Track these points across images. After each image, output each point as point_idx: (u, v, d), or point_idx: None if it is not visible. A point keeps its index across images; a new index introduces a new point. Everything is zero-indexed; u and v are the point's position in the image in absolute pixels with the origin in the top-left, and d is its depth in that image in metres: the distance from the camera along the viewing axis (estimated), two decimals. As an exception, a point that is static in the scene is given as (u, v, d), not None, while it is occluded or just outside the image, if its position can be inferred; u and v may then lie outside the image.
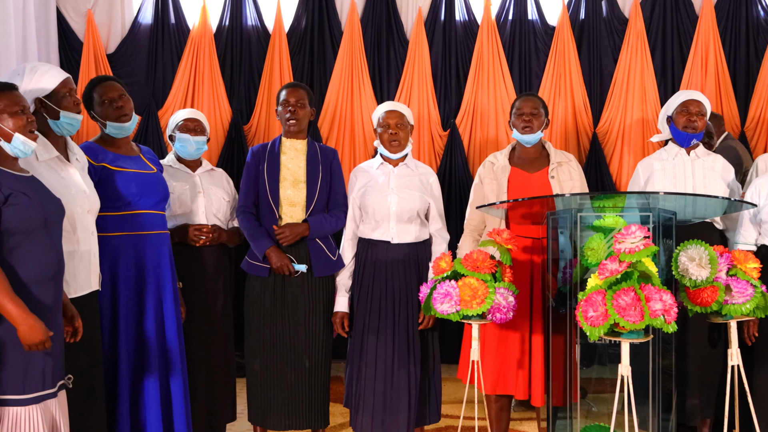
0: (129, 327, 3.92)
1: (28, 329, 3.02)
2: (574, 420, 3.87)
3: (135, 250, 3.94)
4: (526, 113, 4.50)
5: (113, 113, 4.00)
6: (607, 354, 3.92)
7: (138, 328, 3.95)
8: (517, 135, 4.52)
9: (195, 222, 4.44)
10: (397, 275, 4.43)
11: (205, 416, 4.43)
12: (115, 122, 3.99)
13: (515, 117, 4.55)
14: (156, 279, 4.00)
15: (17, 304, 3.01)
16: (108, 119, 3.98)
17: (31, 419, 3.11)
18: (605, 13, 7.06)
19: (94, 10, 6.73)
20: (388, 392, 4.39)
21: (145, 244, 3.97)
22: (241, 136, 6.82)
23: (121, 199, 3.88)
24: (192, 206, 4.45)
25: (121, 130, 4.02)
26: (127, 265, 3.91)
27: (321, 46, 6.98)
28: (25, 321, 3.01)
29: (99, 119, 3.98)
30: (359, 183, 4.56)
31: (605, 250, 3.58)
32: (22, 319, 3.01)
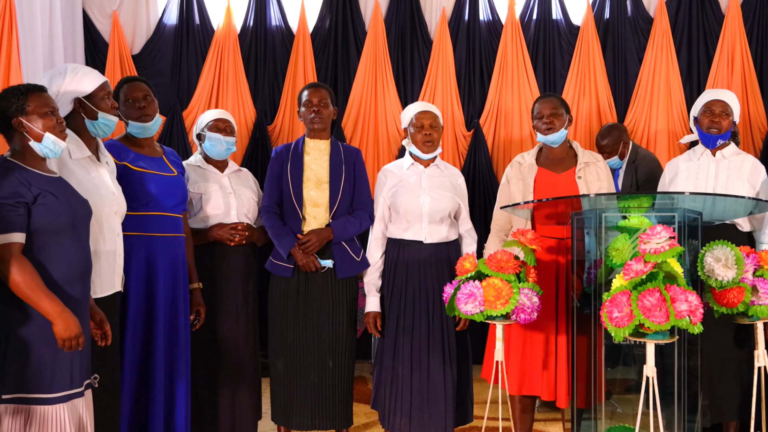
0: (137, 328, 3.93)
1: (64, 325, 3.04)
2: (598, 421, 3.85)
3: (146, 251, 3.95)
4: (546, 115, 4.49)
5: (135, 113, 4.05)
6: (632, 355, 3.91)
7: (145, 329, 3.96)
8: (542, 137, 4.51)
9: (227, 222, 4.45)
10: (430, 275, 4.43)
11: (230, 415, 4.44)
12: (137, 122, 4.04)
13: (536, 120, 4.53)
14: (170, 282, 4.01)
15: (53, 299, 3.04)
16: (130, 118, 4.04)
17: (58, 418, 3.14)
18: (630, 12, 7.03)
19: (120, 12, 6.76)
20: (424, 392, 4.38)
21: (158, 245, 3.98)
22: (265, 136, 6.84)
23: (138, 199, 3.90)
24: (223, 207, 4.47)
25: (142, 130, 4.05)
26: (138, 266, 3.92)
27: (345, 46, 6.99)
28: (61, 316, 3.04)
29: (122, 118, 4.01)
30: (389, 183, 4.56)
31: (630, 250, 3.56)
32: (57, 315, 3.03)
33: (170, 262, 4.02)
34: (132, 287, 3.90)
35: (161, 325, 3.97)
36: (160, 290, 3.97)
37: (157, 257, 3.97)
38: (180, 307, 4.06)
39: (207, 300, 4.33)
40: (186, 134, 6.69)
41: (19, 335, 3.09)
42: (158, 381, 3.95)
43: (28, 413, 3.11)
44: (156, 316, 3.96)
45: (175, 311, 4.04)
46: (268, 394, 4.63)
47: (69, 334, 3.05)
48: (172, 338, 4.02)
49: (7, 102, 3.19)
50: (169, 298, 4.01)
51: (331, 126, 4.66)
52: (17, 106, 3.17)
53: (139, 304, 3.93)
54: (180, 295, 4.06)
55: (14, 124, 3.18)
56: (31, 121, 3.17)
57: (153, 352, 3.95)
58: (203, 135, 4.57)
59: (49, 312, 3.03)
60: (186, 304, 4.12)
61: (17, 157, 3.20)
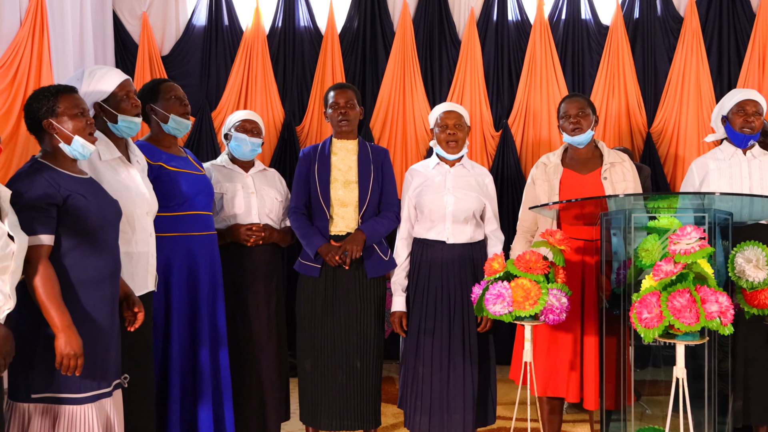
0: (182, 328, 3.96)
1: (67, 340, 3.04)
2: (627, 423, 3.83)
3: (187, 251, 3.98)
4: (572, 115, 4.46)
5: (180, 108, 4.07)
6: (662, 356, 3.88)
7: (191, 329, 3.98)
8: (568, 138, 4.48)
9: (247, 222, 4.46)
10: (453, 276, 4.42)
11: (258, 415, 4.46)
12: (180, 117, 4.05)
13: (563, 120, 4.51)
14: (209, 279, 4.04)
15: (63, 312, 3.04)
16: (173, 113, 4.04)
17: (86, 418, 3.16)
18: (660, 11, 6.99)
19: (149, 13, 6.80)
20: (445, 392, 4.38)
21: (197, 244, 4.01)
22: (293, 136, 6.85)
23: (176, 198, 3.92)
24: (244, 207, 4.48)
25: (181, 126, 4.07)
26: (180, 266, 3.95)
27: (373, 46, 6.99)
28: (65, 331, 3.04)
29: (161, 112, 4.03)
30: (415, 183, 4.56)
31: (660, 251, 3.54)
32: (63, 329, 3.04)
33: (209, 260, 4.06)
34: (175, 287, 3.93)
35: (205, 325, 4.00)
36: (202, 289, 4.00)
37: (197, 256, 4.01)
38: (219, 305, 4.09)
39: (228, 300, 4.34)
40: (215, 135, 6.71)
41: (49, 335, 3.11)
42: (205, 379, 3.99)
43: (56, 413, 3.14)
44: (200, 315, 4.00)
45: (214, 309, 4.07)
46: (296, 394, 4.64)
47: (69, 350, 3.04)
48: (213, 336, 4.04)
49: (37, 103, 3.21)
50: (210, 296, 4.05)
51: (359, 126, 4.66)
52: (47, 108, 3.19)
53: (183, 304, 3.97)
54: (219, 292, 4.09)
55: (44, 125, 3.20)
56: (61, 123, 3.19)
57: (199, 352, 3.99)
58: (230, 135, 4.59)
59: (56, 324, 3.03)
60: (223, 301, 4.14)
61: (48, 158, 3.22)
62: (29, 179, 3.11)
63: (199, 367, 3.99)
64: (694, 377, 3.55)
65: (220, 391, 4.08)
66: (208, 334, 4.01)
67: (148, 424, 3.72)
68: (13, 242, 2.87)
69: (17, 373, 3.13)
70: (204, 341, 3.99)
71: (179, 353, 3.95)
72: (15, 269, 2.90)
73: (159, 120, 4.05)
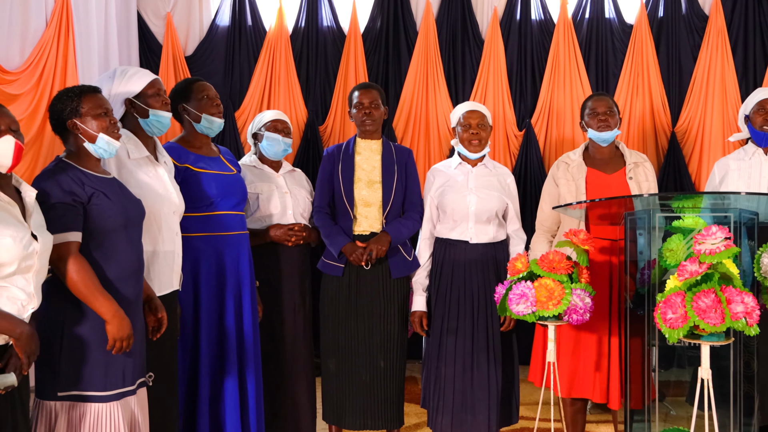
0: (210, 327, 3.98)
1: (118, 325, 3.10)
2: (652, 423, 3.81)
3: (215, 251, 3.99)
4: (601, 112, 4.45)
5: (213, 108, 4.08)
6: (686, 357, 3.86)
7: (219, 328, 4.00)
8: (594, 134, 4.47)
9: (283, 222, 4.47)
10: (476, 275, 4.42)
11: (292, 414, 4.48)
12: (213, 116, 4.06)
13: (589, 117, 4.49)
14: (235, 279, 4.05)
15: (108, 299, 3.09)
16: (206, 112, 4.05)
17: (111, 415, 3.18)
18: (685, 10, 6.94)
19: (173, 13, 6.82)
20: (468, 392, 4.38)
21: (225, 245, 4.02)
22: (316, 136, 6.86)
23: (203, 200, 3.94)
24: (279, 207, 4.49)
25: (214, 125, 4.09)
26: (208, 266, 3.97)
27: (396, 46, 6.98)
28: (115, 316, 3.09)
29: (194, 112, 4.04)
30: (437, 182, 4.55)
31: (684, 251, 3.52)
32: (112, 315, 3.09)
33: (237, 260, 4.07)
34: (204, 287, 3.96)
35: (231, 323, 4.01)
36: (229, 289, 4.02)
37: (225, 257, 4.02)
38: (247, 305, 4.09)
39: (264, 300, 4.36)
40: (238, 134, 6.73)
41: (73, 333, 3.14)
42: (230, 380, 4.00)
43: (82, 411, 3.16)
44: (226, 315, 4.01)
45: (242, 309, 4.08)
46: (319, 394, 4.65)
47: (121, 334, 3.10)
48: (239, 336, 4.06)
49: (61, 104, 3.24)
50: (237, 296, 4.05)
51: (383, 126, 4.66)
52: (71, 108, 3.22)
53: (212, 304, 3.99)
54: (247, 292, 4.10)
55: (69, 126, 3.22)
56: (85, 123, 3.21)
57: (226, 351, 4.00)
58: (260, 135, 4.59)
59: (104, 312, 3.08)
60: (254, 300, 4.15)
61: (72, 158, 3.25)
62: (54, 178, 3.14)
63: (227, 367, 4.01)
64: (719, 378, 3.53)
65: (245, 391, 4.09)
66: (235, 333, 4.02)
67: (172, 424, 3.74)
68: (37, 242, 2.89)
69: (43, 372, 3.16)
70: (231, 342, 4.01)
71: (208, 353, 3.97)
72: (39, 269, 2.92)
73: (191, 120, 4.07)
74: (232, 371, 4.01)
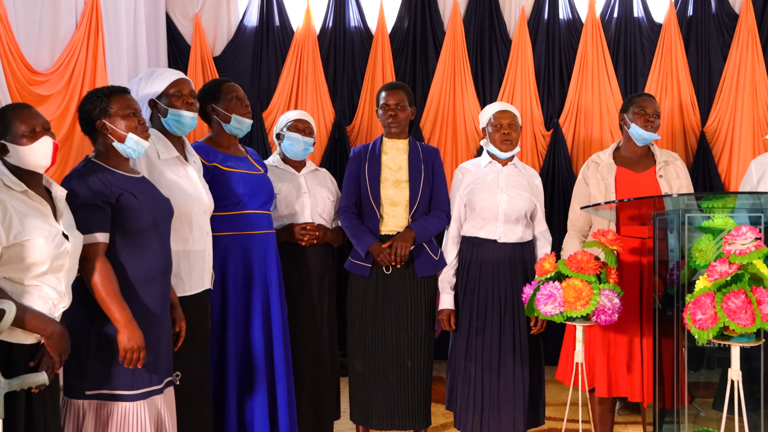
0: (237, 326, 3.99)
1: (129, 335, 3.10)
2: (681, 425, 3.79)
3: (243, 250, 4.01)
4: (650, 113, 4.45)
5: (242, 109, 4.11)
6: (716, 358, 3.83)
7: (245, 328, 4.01)
8: (637, 130, 4.43)
9: (300, 222, 4.47)
10: (503, 275, 4.41)
11: (311, 414, 4.47)
12: (242, 117, 4.08)
13: (636, 114, 4.46)
14: (263, 278, 4.06)
15: (124, 308, 3.10)
16: (235, 113, 4.07)
17: (138, 414, 3.21)
18: (714, 9, 6.89)
19: (201, 14, 6.85)
20: (495, 392, 4.37)
21: (253, 243, 4.04)
22: (344, 136, 6.87)
23: (231, 198, 3.95)
24: (297, 206, 4.49)
25: (243, 126, 4.11)
26: (236, 265, 3.98)
27: (423, 46, 6.98)
28: (127, 326, 3.10)
29: (223, 112, 4.06)
30: (466, 181, 4.55)
31: (714, 251, 3.50)
32: (124, 324, 3.10)
33: (264, 259, 4.08)
34: (231, 286, 3.97)
35: (258, 323, 4.02)
36: (256, 288, 4.03)
37: (253, 255, 4.04)
38: (275, 304, 4.10)
39: None
40: (266, 135, 6.75)
41: (101, 333, 3.17)
42: (260, 379, 4.01)
43: (110, 409, 3.19)
44: (253, 315, 4.02)
45: (269, 308, 4.09)
46: (346, 394, 4.66)
47: (131, 345, 3.11)
48: (267, 336, 4.07)
49: (91, 105, 3.26)
50: (265, 295, 4.07)
51: (410, 126, 4.66)
52: (100, 109, 3.24)
53: (239, 303, 4.00)
54: (275, 291, 4.11)
55: (98, 126, 3.25)
56: (114, 123, 3.24)
57: (252, 350, 4.01)
58: (282, 135, 4.60)
59: (118, 319, 3.09)
60: (282, 299, 4.17)
61: (101, 158, 3.27)
62: (83, 179, 3.17)
63: (254, 366, 4.02)
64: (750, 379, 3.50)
65: (274, 390, 4.10)
66: (262, 332, 4.03)
67: (205, 423, 3.75)
68: (68, 241, 2.92)
69: (72, 371, 3.19)
70: (258, 340, 4.02)
71: (235, 352, 3.98)
72: (70, 268, 2.95)
73: (220, 120, 4.09)
74: (260, 374, 4.01)
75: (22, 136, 2.87)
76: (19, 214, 2.80)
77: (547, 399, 4.67)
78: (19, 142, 2.87)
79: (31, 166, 2.90)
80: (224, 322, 3.97)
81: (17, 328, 2.77)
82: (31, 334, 2.84)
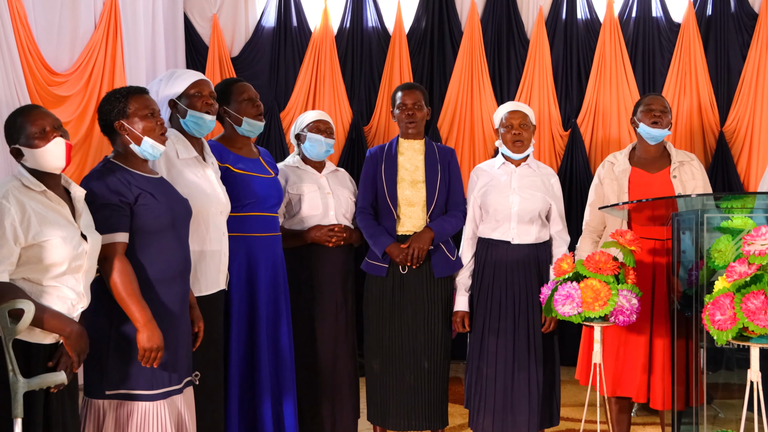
0: (241, 328, 3.98)
1: (149, 335, 3.11)
2: (699, 426, 3.77)
3: (246, 251, 4.00)
4: (656, 109, 4.42)
5: (253, 110, 4.08)
6: (735, 359, 3.82)
7: (249, 328, 4.01)
8: (645, 129, 4.41)
9: (325, 223, 4.47)
10: (518, 276, 4.40)
11: (331, 415, 4.48)
12: (253, 119, 4.07)
13: (643, 113, 4.45)
14: (270, 280, 4.06)
15: (143, 308, 3.11)
16: (246, 115, 4.05)
17: (158, 414, 3.22)
18: (734, 8, 6.85)
19: (219, 15, 6.87)
20: (509, 393, 4.36)
21: (258, 245, 4.03)
22: (361, 137, 6.87)
23: (239, 200, 3.94)
24: (322, 207, 4.49)
25: (255, 128, 4.09)
26: (239, 266, 3.96)
27: (441, 46, 6.97)
28: (147, 326, 3.11)
29: (234, 114, 4.05)
30: (480, 182, 4.54)
31: (733, 252, 3.48)
32: (144, 324, 3.11)
33: (270, 261, 4.07)
34: (234, 288, 3.94)
35: (263, 324, 4.02)
36: (261, 290, 4.02)
37: (258, 257, 4.03)
38: (282, 306, 4.11)
39: (307, 301, 4.38)
40: (283, 135, 6.76)
41: (121, 333, 3.18)
42: (264, 380, 4.01)
43: (130, 409, 3.20)
44: (258, 316, 4.01)
45: (277, 310, 4.09)
46: (363, 394, 4.66)
47: (150, 345, 3.12)
48: (274, 337, 4.07)
49: (109, 105, 3.27)
50: (271, 297, 4.06)
51: (427, 126, 4.65)
52: (119, 109, 3.25)
53: (242, 304, 3.99)
54: (281, 293, 4.11)
55: (116, 127, 3.25)
56: (131, 124, 3.24)
57: (257, 352, 4.00)
58: (303, 136, 4.59)
59: (137, 318, 3.10)
60: (287, 302, 4.16)
61: (120, 159, 3.29)
62: (102, 179, 3.18)
63: (258, 367, 4.01)
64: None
65: (280, 391, 4.10)
66: (267, 334, 4.03)
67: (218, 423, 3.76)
68: (86, 242, 2.93)
69: (92, 370, 3.21)
70: (263, 342, 4.01)
71: (238, 354, 3.97)
72: (88, 268, 2.97)
73: (232, 122, 4.08)
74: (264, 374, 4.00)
75: (34, 137, 2.89)
76: (38, 215, 2.82)
77: (565, 399, 4.67)
78: (32, 144, 2.88)
79: (47, 167, 2.91)
80: (227, 324, 3.94)
81: (36, 327, 2.79)
82: (49, 334, 2.86)
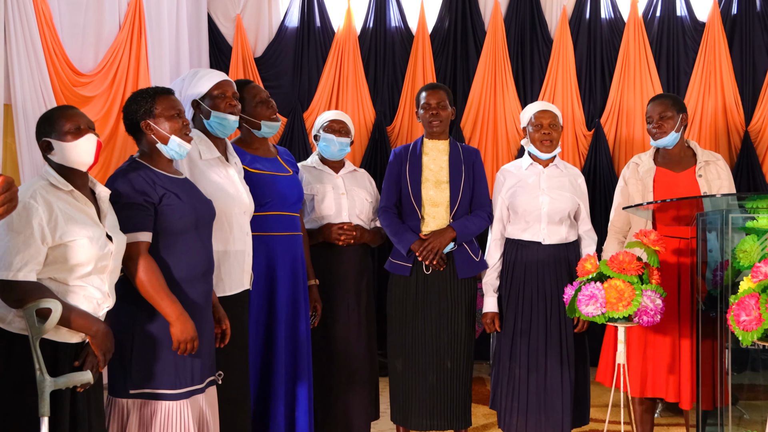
0: (258, 326, 3.98)
1: (182, 327, 3.13)
2: (724, 427, 3.75)
3: (266, 251, 3.99)
4: (655, 119, 4.41)
5: (267, 112, 4.07)
6: (760, 360, 3.79)
7: (267, 328, 4.01)
8: (653, 142, 4.44)
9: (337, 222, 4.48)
10: (548, 276, 4.38)
11: (344, 414, 4.48)
12: (269, 121, 4.07)
13: (648, 124, 4.47)
14: (290, 279, 4.05)
15: (173, 301, 3.13)
16: (262, 118, 4.05)
17: (181, 413, 3.22)
18: (759, 7, 6.81)
19: (243, 15, 6.90)
20: (542, 393, 4.35)
21: (277, 244, 4.02)
22: (384, 137, 6.88)
23: (257, 200, 3.92)
24: (335, 207, 4.50)
25: (274, 129, 4.09)
26: (258, 265, 3.95)
27: (464, 46, 6.97)
28: (179, 319, 3.13)
29: (251, 120, 4.05)
30: (508, 183, 4.52)
31: (759, 252, 3.46)
32: (176, 317, 3.12)
33: (290, 261, 4.07)
34: (253, 287, 3.93)
35: (282, 324, 4.01)
36: (280, 289, 4.02)
37: (277, 256, 4.02)
38: (301, 306, 4.10)
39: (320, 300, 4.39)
40: (306, 135, 6.78)
41: (144, 332, 3.19)
42: (279, 380, 4.00)
43: (153, 408, 3.21)
44: (277, 316, 4.01)
45: (296, 310, 4.08)
46: (387, 394, 4.66)
47: (185, 336, 3.14)
48: (293, 337, 4.07)
49: (136, 105, 3.29)
50: (290, 297, 4.05)
51: (450, 126, 4.65)
52: (145, 109, 3.26)
53: (261, 303, 3.99)
54: (300, 293, 4.10)
55: (142, 126, 3.27)
56: (158, 124, 3.26)
57: (274, 351, 4.01)
58: (319, 136, 4.61)
59: (169, 313, 3.12)
60: (306, 302, 4.15)
61: (145, 158, 3.30)
62: (127, 178, 3.19)
63: (274, 368, 4.01)
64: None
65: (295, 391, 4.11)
66: (285, 333, 4.03)
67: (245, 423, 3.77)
68: (111, 242, 2.95)
69: (116, 369, 3.22)
70: (281, 343, 4.00)
71: (255, 354, 3.97)
72: (113, 269, 2.99)
73: (249, 127, 4.07)
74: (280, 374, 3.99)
75: (67, 133, 2.90)
76: (65, 214, 2.84)
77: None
78: (64, 138, 2.90)
79: (75, 162, 2.93)
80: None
81: (63, 326, 2.81)
82: (76, 333, 2.88)
